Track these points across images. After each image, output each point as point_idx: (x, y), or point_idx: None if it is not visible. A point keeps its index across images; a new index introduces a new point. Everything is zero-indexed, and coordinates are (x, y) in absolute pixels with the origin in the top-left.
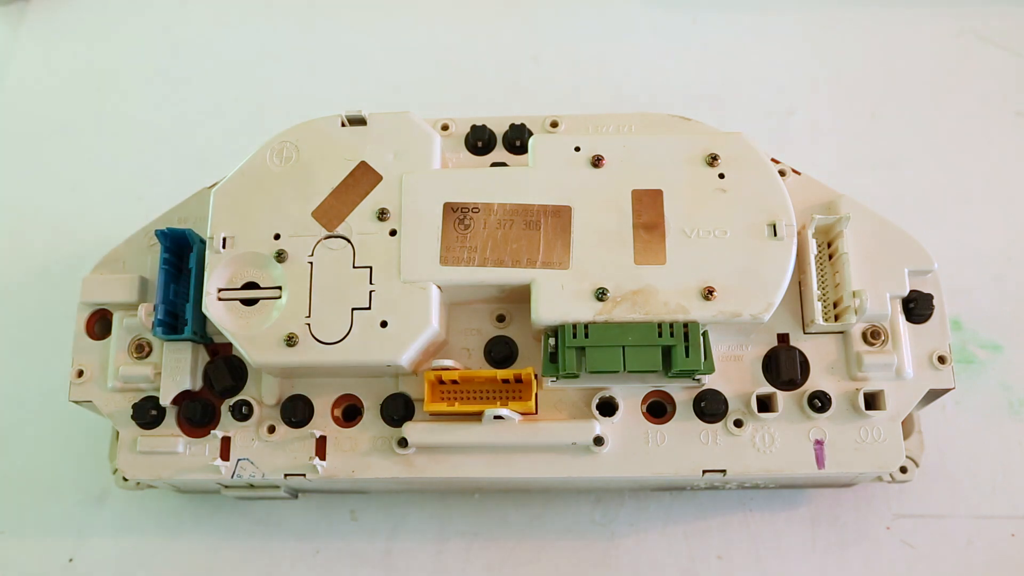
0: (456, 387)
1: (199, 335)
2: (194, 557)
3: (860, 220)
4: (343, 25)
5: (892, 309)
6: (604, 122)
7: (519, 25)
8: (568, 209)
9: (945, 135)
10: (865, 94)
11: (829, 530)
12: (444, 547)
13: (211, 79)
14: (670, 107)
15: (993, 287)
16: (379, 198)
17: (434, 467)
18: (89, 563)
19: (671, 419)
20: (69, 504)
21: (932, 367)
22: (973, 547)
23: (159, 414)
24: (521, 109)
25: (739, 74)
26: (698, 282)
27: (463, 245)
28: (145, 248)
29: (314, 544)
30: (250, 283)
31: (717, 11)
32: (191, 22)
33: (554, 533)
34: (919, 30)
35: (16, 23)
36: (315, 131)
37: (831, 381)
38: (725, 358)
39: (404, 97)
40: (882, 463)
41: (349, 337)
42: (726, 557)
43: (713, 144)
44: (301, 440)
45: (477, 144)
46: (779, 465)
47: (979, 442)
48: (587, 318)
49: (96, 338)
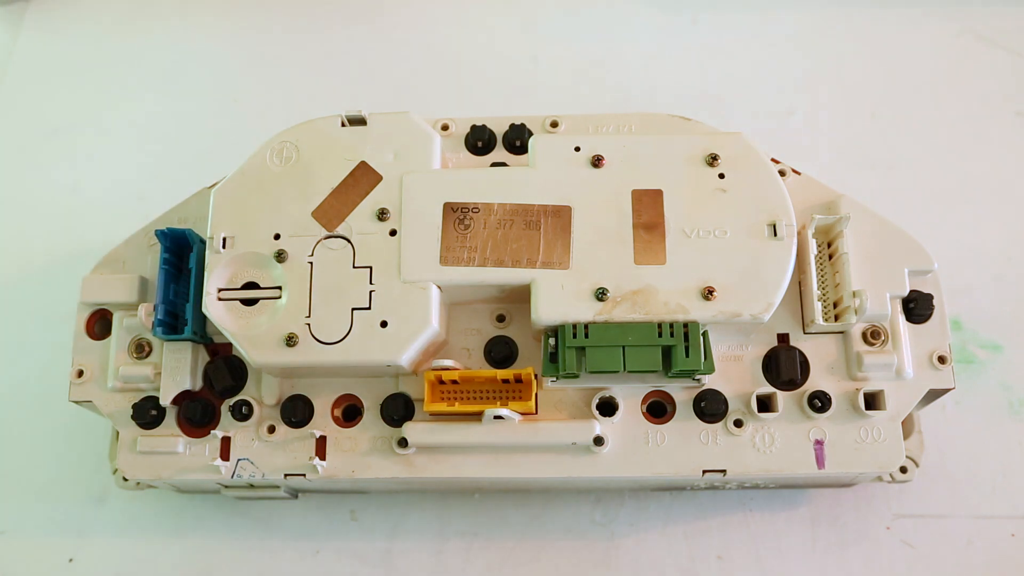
0: (456, 387)
1: (199, 335)
2: (194, 557)
3: (860, 220)
4: (343, 25)
5: (892, 309)
6: (604, 122)
7: (519, 25)
8: (568, 209)
9: (945, 135)
10: (865, 94)
11: (829, 530)
12: (444, 547)
13: (211, 79)
14: (670, 107)
15: (993, 287)
16: (379, 198)
17: (434, 467)
18: (89, 563)
19: (671, 419)
20: (69, 504)
21: (932, 367)
22: (973, 547)
23: (159, 414)
24: (521, 109)
25: (739, 74)
26: (698, 282)
27: (463, 245)
28: (145, 248)
29: (314, 544)
30: (250, 283)
31: (717, 11)
32: (191, 22)
33: (554, 533)
34: (919, 30)
35: (16, 23)
36: (315, 131)
37: (831, 381)
38: (725, 358)
39: (404, 97)
40: (882, 463)
41: (349, 337)
42: (726, 557)
43: (713, 144)
44: (301, 440)
45: (477, 144)
46: (779, 465)
47: (979, 442)
48: (587, 318)
49: (96, 338)
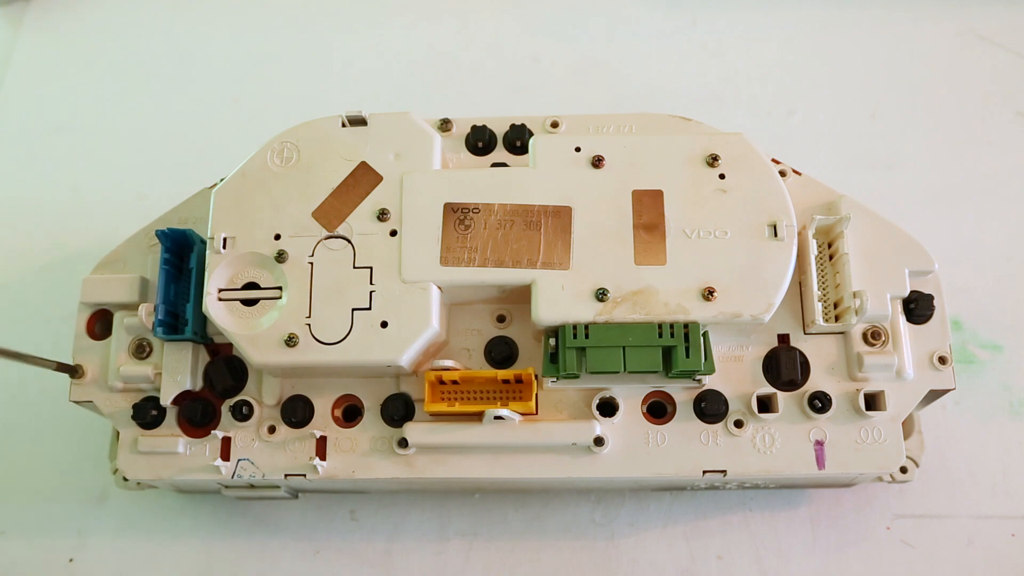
0: (456, 387)
1: (199, 335)
2: (194, 557)
3: (860, 220)
4: (343, 25)
5: (892, 310)
6: (604, 122)
7: (519, 25)
8: (568, 209)
9: (945, 135)
10: (865, 94)
11: (829, 530)
12: (444, 547)
13: (211, 79)
14: (670, 107)
15: (993, 287)
16: (379, 198)
17: (434, 467)
18: (89, 563)
19: (671, 419)
20: (69, 504)
21: (932, 368)
22: (973, 547)
23: (159, 414)
24: (521, 109)
25: (739, 74)
26: (698, 282)
27: (463, 245)
28: (145, 248)
29: (314, 544)
30: (250, 283)
31: (717, 11)
32: (191, 22)
33: (554, 533)
34: (919, 30)
35: (16, 23)
36: (315, 131)
37: (831, 382)
38: (725, 358)
39: (404, 97)
40: (882, 463)
41: (349, 337)
42: (726, 557)
43: (713, 144)
44: (301, 440)
45: (477, 144)
46: (779, 466)
47: (979, 442)
48: (587, 318)
49: (96, 338)
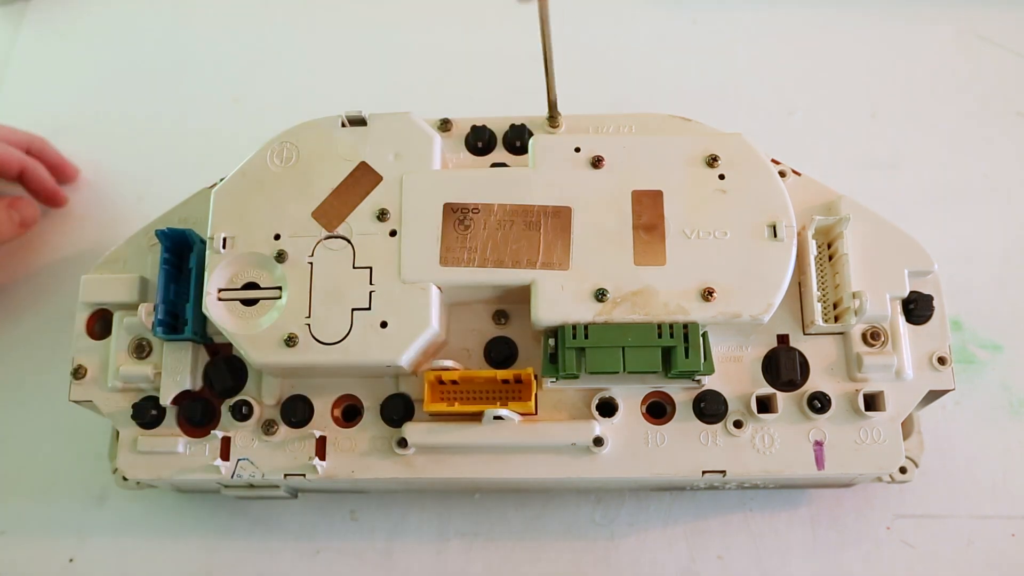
0: (456, 387)
1: (199, 335)
2: (194, 557)
3: (860, 220)
4: (343, 25)
5: (892, 310)
6: (604, 122)
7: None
8: (568, 210)
9: (945, 135)
10: (865, 94)
11: (829, 530)
12: (444, 547)
13: (211, 79)
14: (670, 107)
15: (993, 287)
16: (379, 198)
17: (434, 467)
18: (89, 563)
19: (671, 420)
20: (69, 504)
21: (932, 368)
22: (973, 547)
23: (159, 414)
24: (521, 109)
25: (739, 74)
26: (698, 283)
27: (463, 246)
28: (145, 248)
29: (314, 544)
30: (250, 283)
31: (717, 11)
32: (191, 22)
33: (554, 533)
34: (919, 30)
35: (16, 23)
36: (315, 131)
37: (831, 382)
38: (725, 359)
39: (404, 97)
40: (882, 464)
41: (349, 337)
42: (726, 557)
43: (713, 144)
44: (301, 440)
45: (477, 144)
46: (779, 466)
47: (979, 442)
48: (587, 319)
49: (96, 338)
